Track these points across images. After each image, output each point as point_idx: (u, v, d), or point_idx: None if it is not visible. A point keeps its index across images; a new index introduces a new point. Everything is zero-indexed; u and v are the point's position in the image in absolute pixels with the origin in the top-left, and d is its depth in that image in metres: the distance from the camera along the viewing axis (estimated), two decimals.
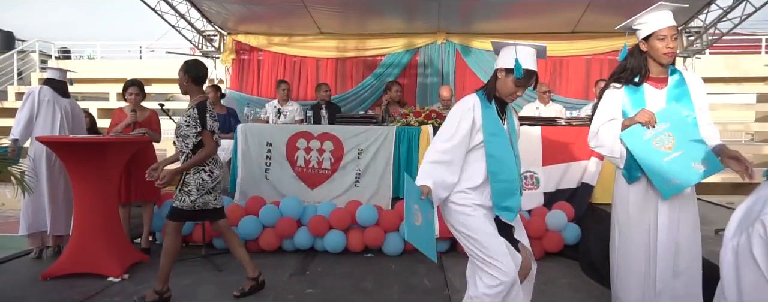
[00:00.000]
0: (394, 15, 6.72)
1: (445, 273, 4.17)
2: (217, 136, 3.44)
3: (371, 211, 4.65)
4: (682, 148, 2.45)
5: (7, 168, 3.44)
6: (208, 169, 3.42)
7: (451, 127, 2.45)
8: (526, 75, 2.41)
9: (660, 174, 2.46)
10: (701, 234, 2.61)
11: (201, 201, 3.41)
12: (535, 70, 2.45)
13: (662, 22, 2.47)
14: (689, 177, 2.44)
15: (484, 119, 2.45)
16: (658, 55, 2.50)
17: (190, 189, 3.39)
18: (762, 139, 13.53)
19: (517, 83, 2.43)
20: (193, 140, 3.39)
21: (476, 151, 2.47)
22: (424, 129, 5.08)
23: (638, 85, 2.57)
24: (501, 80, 2.48)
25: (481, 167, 2.45)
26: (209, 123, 3.38)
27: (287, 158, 5.10)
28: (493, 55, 8.19)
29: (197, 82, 3.53)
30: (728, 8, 6.09)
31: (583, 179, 4.90)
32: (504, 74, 2.46)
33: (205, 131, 3.37)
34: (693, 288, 2.51)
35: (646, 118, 2.46)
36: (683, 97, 2.53)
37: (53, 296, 3.62)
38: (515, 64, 2.39)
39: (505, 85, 2.46)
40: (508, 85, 2.45)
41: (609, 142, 2.61)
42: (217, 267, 4.26)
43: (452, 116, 2.50)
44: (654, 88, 2.56)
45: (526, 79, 2.43)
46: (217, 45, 7.50)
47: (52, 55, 15.83)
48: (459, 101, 2.55)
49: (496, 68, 2.51)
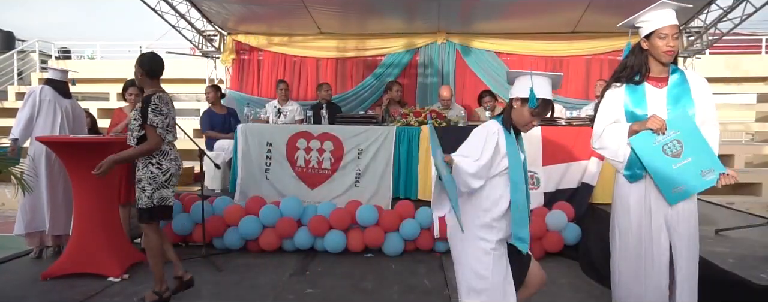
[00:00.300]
0: (394, 15, 6.71)
1: (445, 273, 4.17)
2: (161, 131, 3.34)
3: (371, 211, 4.65)
4: (691, 155, 2.46)
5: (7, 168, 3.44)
6: (156, 162, 3.38)
7: (476, 147, 2.36)
8: (542, 105, 2.37)
9: (667, 180, 2.48)
10: (701, 234, 2.61)
11: (158, 195, 3.39)
12: (550, 99, 2.41)
13: (664, 20, 2.47)
14: (696, 184, 2.47)
15: (508, 146, 2.39)
16: (658, 53, 2.50)
17: (143, 186, 3.38)
18: (762, 139, 13.52)
19: (534, 113, 2.38)
20: (136, 134, 3.39)
21: (500, 177, 2.41)
22: (424, 129, 5.08)
23: (638, 83, 2.57)
24: (517, 110, 2.42)
25: (505, 194, 2.40)
26: (150, 117, 3.31)
27: (287, 158, 5.10)
28: (493, 55, 8.21)
29: (151, 75, 3.47)
30: (728, 8, 6.09)
31: (583, 179, 4.90)
32: (519, 104, 2.41)
33: (147, 125, 3.33)
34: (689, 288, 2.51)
35: (657, 125, 2.46)
36: (683, 96, 2.52)
37: (53, 296, 3.62)
38: (530, 93, 2.34)
39: (520, 115, 2.41)
40: (523, 115, 2.40)
41: (613, 146, 2.61)
42: (217, 267, 4.26)
43: (476, 137, 2.41)
44: (654, 87, 2.56)
45: (543, 108, 2.38)
46: (217, 45, 7.49)
47: (52, 55, 15.81)
48: (481, 126, 2.46)
49: (511, 97, 2.47)
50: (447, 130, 5.12)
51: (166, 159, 3.42)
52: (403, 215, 4.74)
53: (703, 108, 2.52)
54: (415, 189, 5.09)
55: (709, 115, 2.55)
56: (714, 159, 2.46)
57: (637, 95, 2.57)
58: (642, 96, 2.56)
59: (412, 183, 5.11)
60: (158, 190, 3.38)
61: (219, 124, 6.07)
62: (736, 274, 2.76)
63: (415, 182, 5.08)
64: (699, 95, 2.53)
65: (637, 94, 2.57)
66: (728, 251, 3.25)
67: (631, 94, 2.58)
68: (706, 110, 2.53)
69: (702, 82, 2.58)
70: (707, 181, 2.46)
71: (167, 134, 3.42)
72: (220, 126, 6.06)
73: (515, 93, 2.44)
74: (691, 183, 2.46)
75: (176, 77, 13.91)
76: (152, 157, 3.38)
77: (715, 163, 2.45)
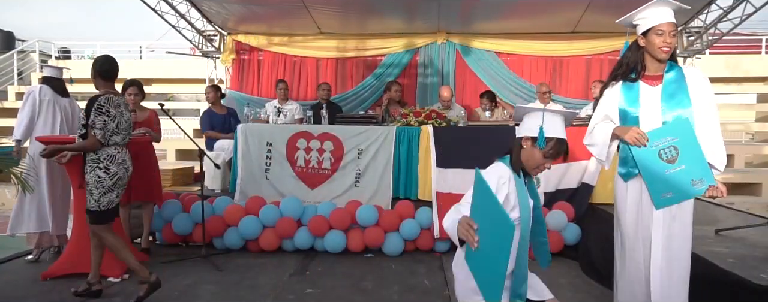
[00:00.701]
0: (394, 15, 6.71)
1: (445, 273, 4.17)
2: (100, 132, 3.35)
3: (371, 211, 4.65)
4: (685, 163, 2.46)
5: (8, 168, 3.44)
6: (104, 166, 3.40)
7: None
8: (556, 145, 2.14)
9: (658, 184, 2.48)
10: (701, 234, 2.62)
11: (105, 200, 3.41)
12: (564, 138, 2.17)
13: (662, 17, 2.47)
14: (685, 193, 2.46)
15: (519, 195, 2.12)
16: (654, 49, 2.49)
17: (90, 189, 3.41)
18: (762, 139, 13.52)
19: (546, 154, 2.14)
20: (79, 131, 3.46)
21: None
22: (424, 129, 5.08)
23: (634, 81, 2.57)
24: (526, 150, 2.17)
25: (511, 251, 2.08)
26: (92, 117, 3.35)
27: (287, 158, 5.10)
28: (493, 55, 8.19)
29: (104, 77, 3.53)
30: (728, 8, 6.09)
31: (583, 179, 4.90)
32: (529, 144, 2.17)
33: (88, 124, 3.38)
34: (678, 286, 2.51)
35: (632, 141, 2.48)
36: (679, 93, 2.50)
37: (53, 296, 3.62)
38: (539, 133, 2.12)
39: (531, 157, 2.16)
40: (535, 157, 2.15)
41: (600, 143, 2.63)
42: (217, 267, 4.26)
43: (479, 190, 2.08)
44: (648, 85, 2.55)
45: (556, 149, 2.14)
46: (217, 45, 7.50)
47: (52, 55, 15.81)
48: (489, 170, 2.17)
49: (519, 136, 2.22)
50: (447, 130, 5.12)
51: (113, 164, 3.43)
52: (403, 215, 4.74)
53: (702, 105, 2.49)
54: (415, 189, 5.09)
55: (708, 113, 2.50)
56: (706, 170, 2.45)
57: (631, 93, 2.56)
58: (636, 94, 2.55)
59: (412, 183, 5.10)
60: (105, 194, 3.41)
61: (219, 124, 6.07)
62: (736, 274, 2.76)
63: (415, 182, 5.08)
64: (697, 92, 2.50)
65: (631, 92, 2.57)
66: (728, 251, 3.25)
67: (625, 92, 2.58)
68: (704, 108, 2.49)
69: (700, 79, 2.54)
70: (696, 191, 2.45)
71: (114, 136, 3.43)
72: (220, 126, 6.06)
73: (524, 131, 2.20)
74: (679, 191, 2.45)
75: (176, 77, 13.94)
76: (100, 162, 3.40)
77: (706, 174, 2.44)
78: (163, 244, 4.97)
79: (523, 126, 2.22)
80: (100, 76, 3.52)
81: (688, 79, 2.52)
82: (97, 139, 3.36)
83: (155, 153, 4.82)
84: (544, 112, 2.15)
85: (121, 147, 3.51)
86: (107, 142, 3.41)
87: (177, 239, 4.91)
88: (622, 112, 2.58)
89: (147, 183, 4.60)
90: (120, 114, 3.48)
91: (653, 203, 2.49)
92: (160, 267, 4.23)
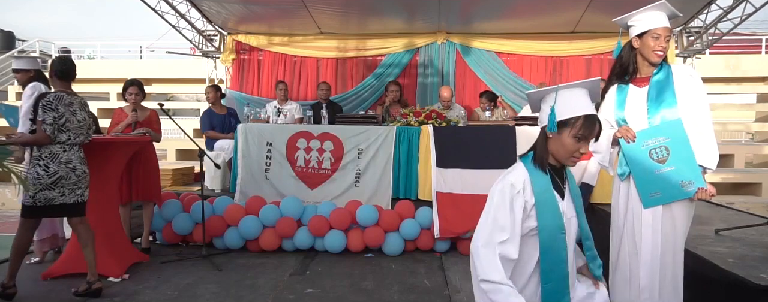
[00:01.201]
0: (394, 15, 6.71)
1: (445, 273, 4.17)
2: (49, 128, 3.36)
3: (371, 211, 4.65)
4: (675, 164, 2.46)
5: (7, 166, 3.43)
6: (43, 164, 3.40)
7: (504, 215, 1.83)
8: (585, 123, 1.84)
9: (647, 183, 2.49)
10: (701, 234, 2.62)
11: (41, 196, 3.40)
12: (592, 113, 1.87)
13: (658, 21, 2.49)
14: (673, 194, 2.47)
15: (538, 199, 1.86)
16: (648, 52, 2.51)
17: (28, 184, 3.40)
18: (762, 138, 13.52)
19: (578, 136, 1.84)
20: (28, 127, 3.52)
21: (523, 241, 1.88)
22: (424, 129, 5.08)
23: (626, 83, 2.61)
24: (553, 140, 1.89)
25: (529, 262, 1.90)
26: (39, 113, 3.39)
27: (287, 158, 5.10)
28: (494, 55, 8.15)
29: (60, 77, 3.60)
30: (728, 8, 6.09)
31: (583, 179, 4.89)
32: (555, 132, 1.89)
33: (38, 120, 3.41)
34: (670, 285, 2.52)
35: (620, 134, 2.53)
36: (664, 92, 2.50)
37: (53, 296, 3.62)
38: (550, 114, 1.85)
39: (561, 145, 1.88)
40: (565, 144, 1.87)
41: (604, 149, 2.65)
42: (217, 267, 4.26)
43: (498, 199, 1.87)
44: (637, 87, 2.59)
45: (587, 128, 1.84)
46: (217, 45, 7.50)
47: (52, 55, 15.82)
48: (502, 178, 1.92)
49: (541, 126, 1.95)
50: (447, 130, 5.12)
51: (54, 162, 3.42)
52: (403, 215, 4.74)
53: (691, 103, 2.47)
54: (415, 190, 5.09)
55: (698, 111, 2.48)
56: (696, 172, 2.45)
57: (621, 96, 2.62)
58: (624, 97, 2.60)
59: (412, 183, 5.11)
60: (43, 191, 3.39)
61: (219, 124, 6.07)
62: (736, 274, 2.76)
63: (415, 182, 5.09)
64: (685, 91, 2.49)
65: (622, 95, 2.62)
66: (728, 251, 3.25)
67: (618, 95, 2.63)
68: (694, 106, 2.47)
69: (688, 76, 2.53)
70: (685, 192, 2.45)
71: (61, 134, 3.43)
72: (220, 126, 6.06)
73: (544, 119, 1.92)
74: (668, 192, 2.46)
75: (176, 77, 13.95)
76: (41, 159, 3.41)
77: (696, 177, 2.44)
78: (164, 244, 4.97)
79: (543, 113, 1.95)
80: (56, 76, 3.61)
81: (676, 78, 2.52)
82: (47, 135, 3.38)
83: (155, 153, 4.82)
84: (557, 90, 1.88)
85: (69, 146, 3.48)
86: (54, 139, 3.41)
87: (177, 239, 4.91)
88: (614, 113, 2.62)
89: (147, 183, 4.60)
90: (71, 113, 3.48)
91: (641, 202, 2.50)
92: (160, 267, 4.24)
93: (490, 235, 1.81)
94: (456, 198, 4.80)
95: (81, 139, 3.56)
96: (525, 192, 1.87)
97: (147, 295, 3.63)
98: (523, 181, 1.88)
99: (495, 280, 1.75)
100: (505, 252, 1.80)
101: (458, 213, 4.67)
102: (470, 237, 4.83)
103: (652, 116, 2.51)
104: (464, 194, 4.82)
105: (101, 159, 3.99)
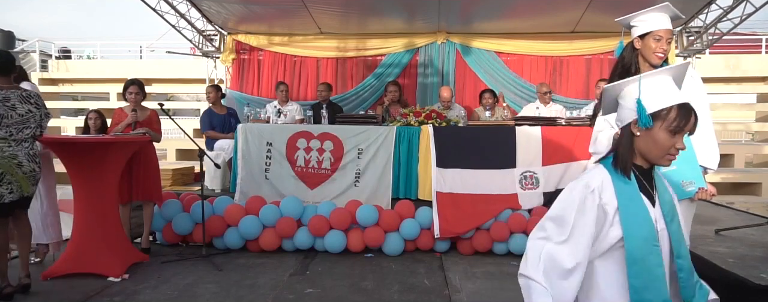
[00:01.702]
0: (394, 15, 6.72)
1: (445, 273, 4.17)
2: None
3: (371, 211, 4.65)
4: (676, 164, 2.45)
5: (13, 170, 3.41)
6: None
7: (566, 219, 1.56)
8: (680, 113, 1.57)
9: None
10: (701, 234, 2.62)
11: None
12: (685, 102, 1.62)
13: (660, 23, 2.49)
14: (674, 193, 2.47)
15: (622, 204, 1.57)
16: (649, 54, 2.51)
17: None
18: (762, 138, 13.52)
19: (672, 129, 1.56)
20: None
21: (610, 255, 1.59)
22: (424, 129, 5.08)
23: None
24: (643, 137, 1.59)
25: (616, 281, 1.58)
26: None
27: (287, 158, 5.10)
28: (494, 55, 8.13)
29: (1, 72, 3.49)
30: (728, 8, 6.09)
31: None
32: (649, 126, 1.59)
33: None
34: None
35: None
36: None
37: (53, 296, 3.62)
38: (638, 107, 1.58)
39: (653, 142, 1.58)
40: (658, 140, 1.57)
41: (603, 150, 2.64)
42: (217, 266, 4.26)
43: (566, 201, 1.59)
44: None
45: (682, 118, 1.57)
46: (217, 45, 7.50)
47: (52, 55, 15.84)
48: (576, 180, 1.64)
49: (624, 124, 1.65)
50: (447, 130, 5.12)
51: None
52: (403, 215, 4.74)
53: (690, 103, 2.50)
54: (415, 189, 5.09)
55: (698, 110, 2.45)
56: (697, 172, 2.45)
57: None
58: None
59: (412, 183, 5.11)
60: None
61: (219, 123, 6.07)
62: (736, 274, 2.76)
63: (415, 182, 5.09)
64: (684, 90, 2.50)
65: None
66: (728, 251, 3.26)
67: None
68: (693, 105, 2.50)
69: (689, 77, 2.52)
70: (685, 192, 2.45)
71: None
72: (220, 126, 6.06)
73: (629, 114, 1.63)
74: None
75: (176, 77, 13.95)
76: None
77: (697, 177, 2.44)
78: (164, 244, 4.97)
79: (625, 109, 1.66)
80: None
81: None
82: None
83: (155, 153, 4.82)
84: (640, 79, 1.61)
85: (14, 142, 3.41)
86: None
87: (177, 239, 4.91)
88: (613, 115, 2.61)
89: (147, 183, 4.60)
90: (9, 108, 3.40)
91: None
92: (160, 267, 4.24)
93: (545, 231, 1.60)
94: (456, 198, 4.81)
95: (27, 134, 3.47)
96: (603, 193, 1.58)
97: (147, 295, 3.63)
98: (601, 181, 1.59)
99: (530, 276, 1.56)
100: (556, 253, 1.54)
101: (458, 213, 4.67)
102: (470, 237, 4.87)
103: None
104: (464, 194, 4.83)
105: (101, 159, 3.99)
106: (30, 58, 15.52)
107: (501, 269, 4.29)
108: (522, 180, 4.88)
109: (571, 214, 1.56)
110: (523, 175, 4.90)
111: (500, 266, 4.38)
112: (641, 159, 1.64)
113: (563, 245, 1.55)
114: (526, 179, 4.89)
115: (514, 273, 1.68)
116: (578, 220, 1.55)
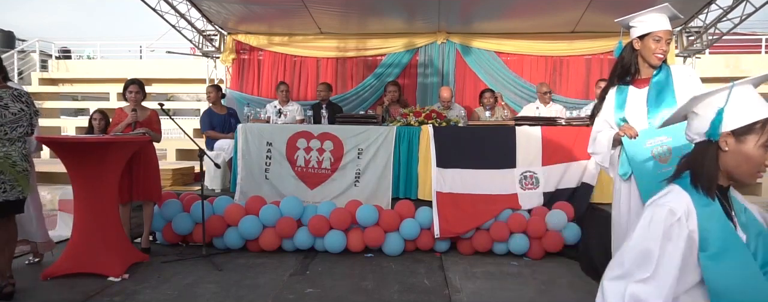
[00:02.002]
0: (394, 15, 6.72)
1: (445, 273, 4.17)
2: None
3: (371, 211, 4.66)
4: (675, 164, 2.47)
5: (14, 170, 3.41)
6: None
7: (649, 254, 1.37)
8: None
9: (649, 183, 2.50)
10: None
11: None
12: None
13: (660, 24, 2.50)
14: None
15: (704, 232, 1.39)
16: (648, 55, 2.52)
17: None
18: None
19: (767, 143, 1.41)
20: None
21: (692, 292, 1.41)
22: (424, 129, 5.08)
23: (626, 85, 2.62)
24: (731, 153, 1.43)
25: None
26: None
27: (287, 158, 5.10)
28: (494, 55, 8.13)
29: None
30: (728, 8, 6.09)
31: (583, 179, 4.90)
32: (733, 141, 1.43)
33: None
34: None
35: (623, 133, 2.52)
36: (663, 92, 2.52)
37: (53, 296, 3.62)
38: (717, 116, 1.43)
39: (744, 158, 1.42)
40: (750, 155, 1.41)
41: (603, 151, 2.65)
42: (217, 266, 4.26)
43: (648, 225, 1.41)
44: (636, 88, 2.60)
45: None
46: (217, 45, 7.50)
47: (52, 55, 15.83)
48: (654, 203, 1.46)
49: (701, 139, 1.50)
50: (447, 130, 5.12)
51: None
52: (403, 215, 4.74)
53: None
54: (415, 189, 5.09)
55: None
56: None
57: (621, 97, 2.63)
58: (624, 98, 2.60)
59: (412, 183, 5.11)
60: None
61: (219, 123, 6.07)
62: None
63: (415, 182, 5.09)
64: (684, 90, 2.51)
65: (621, 96, 2.63)
66: None
67: (617, 96, 2.63)
68: None
69: (687, 76, 2.55)
70: None
71: None
72: (220, 126, 6.06)
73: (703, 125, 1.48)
74: None
75: (176, 77, 13.94)
76: None
77: None
78: (164, 244, 4.97)
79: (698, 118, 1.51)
80: None
81: (675, 78, 2.54)
82: None
83: (155, 153, 4.82)
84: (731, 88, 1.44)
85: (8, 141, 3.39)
86: None
87: (177, 239, 4.91)
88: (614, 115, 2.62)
89: (147, 182, 4.60)
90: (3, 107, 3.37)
91: (642, 201, 2.51)
92: (160, 267, 4.24)
93: (624, 268, 1.38)
94: (456, 198, 4.81)
95: (20, 133, 3.47)
96: (689, 222, 1.38)
97: (147, 295, 3.63)
98: (687, 206, 1.39)
99: None
100: (640, 293, 1.33)
101: (458, 213, 4.68)
102: (470, 237, 4.87)
103: (652, 117, 2.52)
104: (464, 194, 4.83)
105: (101, 159, 3.99)
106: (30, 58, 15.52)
107: (501, 269, 4.29)
108: (522, 181, 4.88)
109: (655, 247, 1.36)
110: (523, 175, 4.90)
111: (500, 266, 4.38)
112: (723, 178, 1.48)
113: (647, 283, 1.35)
114: (526, 179, 4.89)
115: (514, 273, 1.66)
116: (664, 253, 1.35)
